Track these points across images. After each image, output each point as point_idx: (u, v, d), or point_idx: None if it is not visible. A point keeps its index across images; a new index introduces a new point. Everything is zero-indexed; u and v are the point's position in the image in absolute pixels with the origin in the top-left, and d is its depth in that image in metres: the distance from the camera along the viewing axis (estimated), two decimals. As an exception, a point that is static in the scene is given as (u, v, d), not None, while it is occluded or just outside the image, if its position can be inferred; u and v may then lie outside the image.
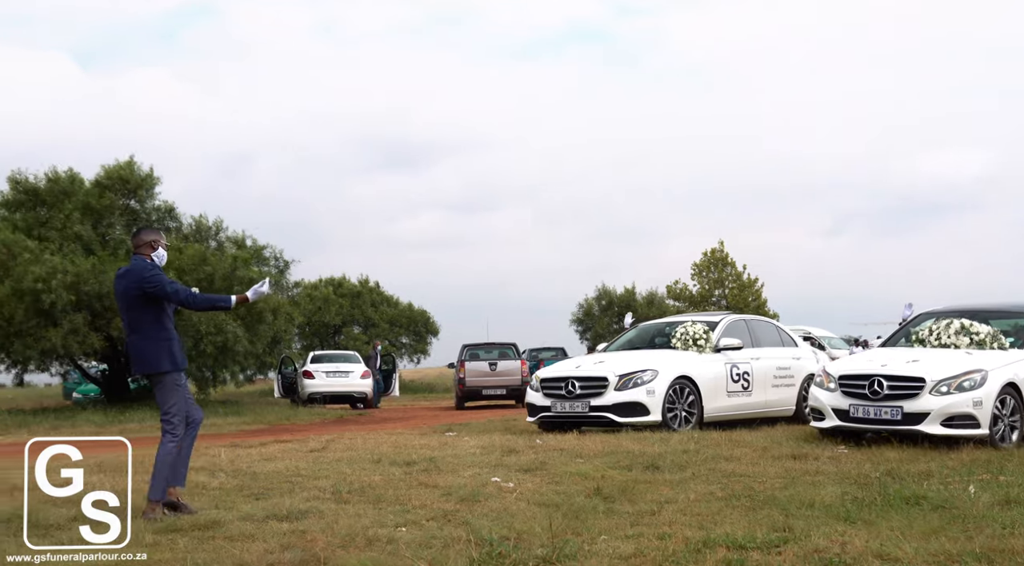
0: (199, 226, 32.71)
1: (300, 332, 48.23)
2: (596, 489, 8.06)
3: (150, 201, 32.34)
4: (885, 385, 11.00)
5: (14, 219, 30.18)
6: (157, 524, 6.91)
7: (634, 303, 52.19)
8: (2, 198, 31.09)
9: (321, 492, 8.33)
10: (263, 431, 18.98)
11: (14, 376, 31.30)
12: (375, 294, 54.97)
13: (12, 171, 31.29)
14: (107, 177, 31.30)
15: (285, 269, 33.86)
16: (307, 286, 48.63)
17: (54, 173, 31.29)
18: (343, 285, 54.57)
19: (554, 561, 5.48)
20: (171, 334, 7.70)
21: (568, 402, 13.92)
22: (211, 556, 5.79)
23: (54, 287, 25.97)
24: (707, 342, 14.55)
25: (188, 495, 8.38)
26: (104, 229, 30.81)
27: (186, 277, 27.41)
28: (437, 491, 8.21)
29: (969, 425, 10.65)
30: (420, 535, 6.30)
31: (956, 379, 10.76)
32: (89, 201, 30.45)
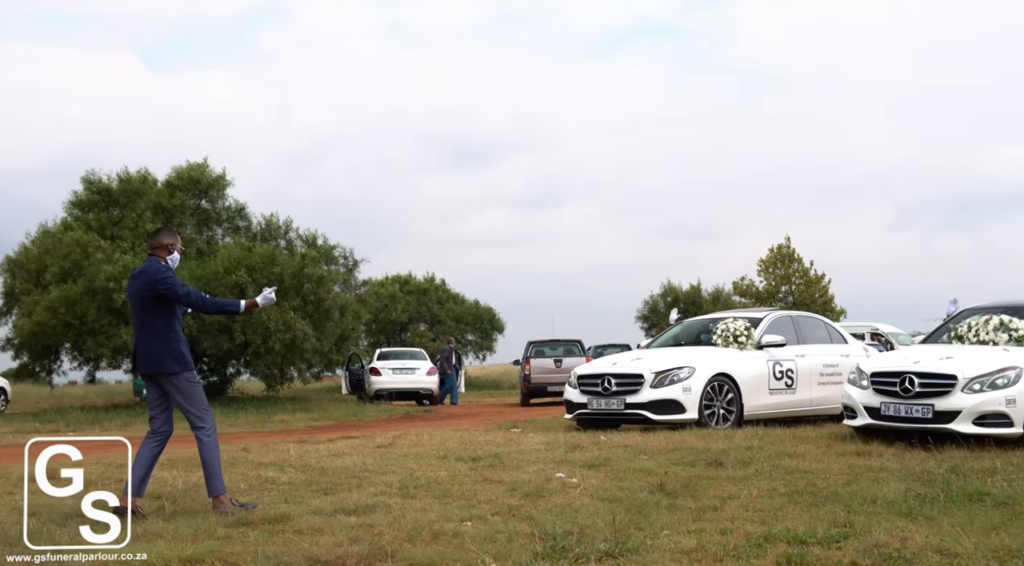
0: (269, 225, 33.06)
1: (367, 329, 48.55)
2: (659, 485, 8.13)
3: (221, 201, 32.78)
4: (916, 382, 10.76)
5: (87, 219, 30.70)
6: (228, 518, 7.06)
7: (700, 300, 52.04)
8: (75, 198, 31.61)
9: (388, 487, 8.46)
10: (331, 427, 19.20)
11: (86, 373, 31.83)
12: (441, 291, 55.19)
13: (85, 172, 31.84)
14: (178, 178, 31.77)
15: (353, 268, 34.19)
16: (374, 284, 48.98)
17: (126, 174, 31.79)
18: (410, 282, 54.86)
19: (616, 555, 5.56)
20: (180, 336, 7.81)
21: (604, 399, 13.91)
22: (281, 549, 5.92)
23: (126, 286, 26.35)
24: (748, 339, 14.41)
25: (258, 490, 8.57)
26: (175, 228, 31.17)
27: (256, 275, 27.80)
28: (502, 486, 8.32)
29: (1002, 424, 10.32)
30: (485, 529, 6.40)
31: (989, 376, 10.45)
32: (161, 201, 30.90)
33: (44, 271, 28.26)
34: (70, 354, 30.29)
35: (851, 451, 10.19)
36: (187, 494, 8.32)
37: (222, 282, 27.94)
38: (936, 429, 10.56)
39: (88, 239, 28.38)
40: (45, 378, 31.53)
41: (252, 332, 28.13)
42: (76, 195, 31.63)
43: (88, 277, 27.05)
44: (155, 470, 9.96)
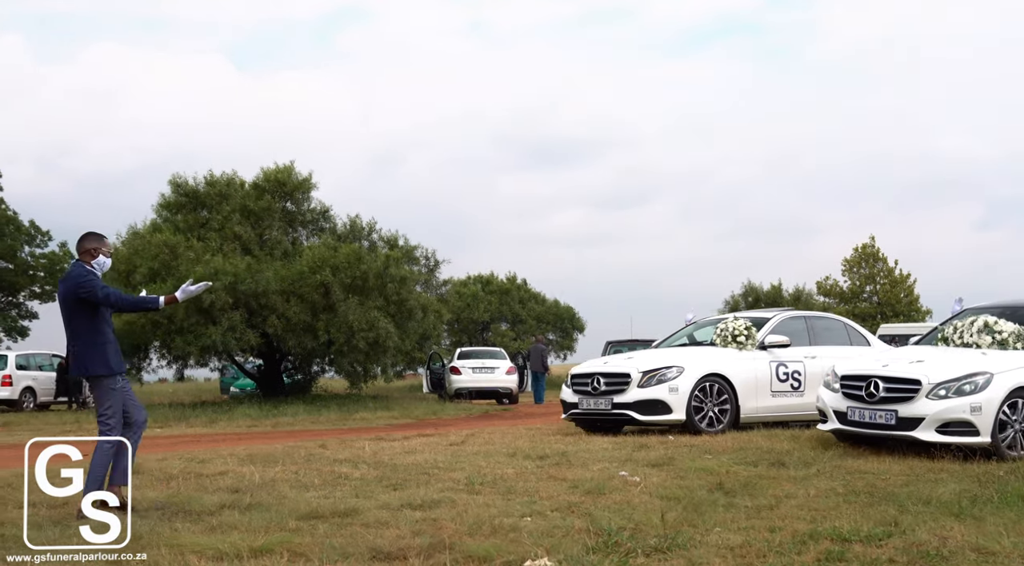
0: (353, 226, 33.51)
1: (449, 329, 48.97)
2: (719, 484, 8.30)
3: (306, 203, 33.29)
4: (881, 387, 10.37)
5: (175, 221, 31.34)
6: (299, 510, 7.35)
7: (781, 300, 51.72)
8: (163, 200, 32.28)
9: (455, 483, 8.73)
10: (409, 425, 19.51)
11: (175, 371, 32.58)
12: (522, 291, 55.41)
13: (173, 175, 32.53)
14: (265, 180, 32.33)
15: (434, 268, 34.56)
16: (456, 283, 49.35)
17: (212, 176, 32.40)
18: (491, 282, 55.15)
19: (665, 550, 5.77)
20: (107, 338, 7.90)
21: (593, 399, 13.74)
22: (347, 541, 6.19)
23: (214, 287, 26.96)
24: (748, 339, 14.04)
25: (331, 485, 8.88)
26: (262, 230, 31.77)
27: (340, 275, 28.28)
28: (565, 484, 8.55)
29: (966, 432, 9.87)
30: (543, 524, 6.63)
31: (956, 382, 10.00)
32: (247, 203, 31.46)
33: (134, 271, 28.89)
34: (159, 352, 30.96)
35: (914, 452, 10.22)
36: (263, 488, 8.62)
37: (307, 282, 28.44)
38: (899, 436, 10.26)
39: (176, 240, 29.01)
40: (135, 376, 32.25)
41: (336, 331, 28.59)
42: (164, 197, 32.31)
43: (177, 278, 27.64)
44: (235, 465, 10.41)
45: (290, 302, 28.54)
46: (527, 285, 56.32)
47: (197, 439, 16.70)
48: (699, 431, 12.94)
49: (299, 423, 21.57)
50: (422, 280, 33.77)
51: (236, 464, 10.53)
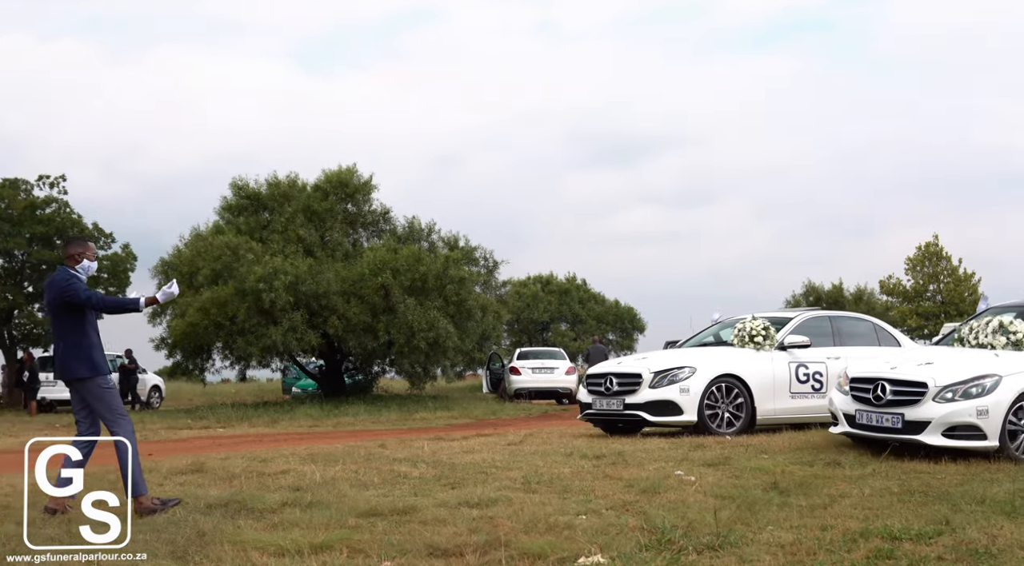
0: (413, 228, 33.74)
1: (509, 329, 49.16)
2: (774, 483, 8.33)
3: (367, 205, 33.54)
4: (888, 390, 10.17)
5: (237, 223, 31.70)
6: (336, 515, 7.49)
7: (842, 299, 51.45)
8: (225, 203, 32.66)
9: (512, 482, 8.84)
10: (468, 425, 19.65)
11: (237, 372, 32.93)
12: (582, 291, 55.52)
13: (234, 178, 32.91)
14: (327, 181, 32.62)
15: (494, 269, 34.66)
16: (516, 283, 49.51)
17: (275, 178, 32.75)
18: (551, 282, 55.30)
19: (717, 548, 5.84)
20: (91, 341, 7.97)
21: (606, 399, 13.68)
22: (405, 538, 6.31)
23: (275, 287, 27.25)
24: (766, 339, 13.85)
25: (390, 484, 9.01)
26: (323, 231, 32.05)
27: (400, 277, 28.50)
28: (621, 483, 8.62)
29: (973, 436, 9.63)
30: (598, 522, 6.72)
31: (963, 385, 9.75)
32: (311, 205, 31.75)
33: (196, 273, 29.27)
34: (221, 353, 31.33)
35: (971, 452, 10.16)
36: (324, 486, 8.77)
37: (368, 284, 28.68)
38: (905, 440, 10.04)
39: (238, 242, 29.35)
40: (198, 376, 32.66)
41: (396, 331, 28.80)
42: (225, 200, 32.70)
43: (238, 279, 27.99)
44: (296, 464, 10.58)
45: (350, 303, 28.79)
46: (587, 285, 56.43)
47: (259, 439, 16.93)
48: (712, 432, 12.89)
49: (360, 423, 21.78)
50: (481, 281, 33.91)
51: (297, 463, 10.71)
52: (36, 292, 37.04)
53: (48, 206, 36.97)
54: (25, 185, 37.10)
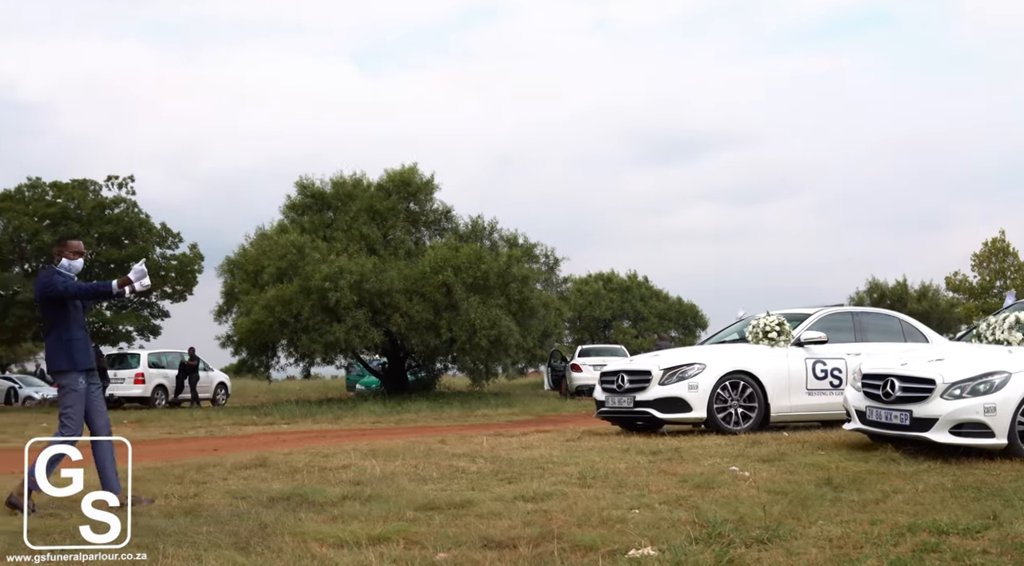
0: (474, 226, 33.97)
1: (571, 326, 49.23)
2: (827, 479, 8.38)
3: (429, 204, 33.81)
4: (897, 386, 10.05)
5: (302, 221, 32.07)
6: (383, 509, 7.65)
7: (905, 296, 50.98)
8: (290, 202, 33.05)
9: (568, 477, 8.95)
10: (528, 422, 19.76)
11: (302, 369, 33.29)
12: (644, 288, 55.48)
13: (299, 177, 33.38)
14: (389, 180, 32.94)
15: (554, 266, 34.81)
16: (577, 281, 49.61)
17: (339, 177, 33.10)
18: (612, 280, 55.33)
19: (765, 541, 5.93)
20: (72, 335, 8.16)
21: (618, 397, 13.62)
22: (461, 531, 6.46)
23: (340, 286, 27.55)
24: (780, 335, 13.68)
25: (448, 478, 9.17)
26: (386, 230, 32.33)
27: (462, 274, 28.71)
28: (675, 478, 8.71)
29: (980, 434, 9.44)
30: (650, 517, 6.82)
31: (971, 382, 9.58)
32: (373, 204, 32.05)
33: (261, 271, 29.67)
34: (286, 350, 31.70)
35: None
36: (383, 481, 8.94)
37: (430, 282, 28.94)
38: (914, 437, 9.90)
39: (304, 241, 29.70)
40: (263, 373, 33.06)
41: (458, 329, 29.02)
42: (290, 199, 33.11)
43: (303, 277, 28.33)
44: (357, 459, 10.78)
45: (413, 301, 29.05)
46: (648, 282, 56.36)
47: (322, 435, 17.16)
48: (722, 430, 12.82)
49: (422, 419, 21.97)
50: (542, 278, 34.06)
51: (359, 458, 10.90)
52: (105, 291, 37.61)
53: (116, 206, 37.64)
54: (94, 186, 37.80)
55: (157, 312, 39.21)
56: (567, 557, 5.66)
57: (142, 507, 7.71)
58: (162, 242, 38.88)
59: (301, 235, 30.51)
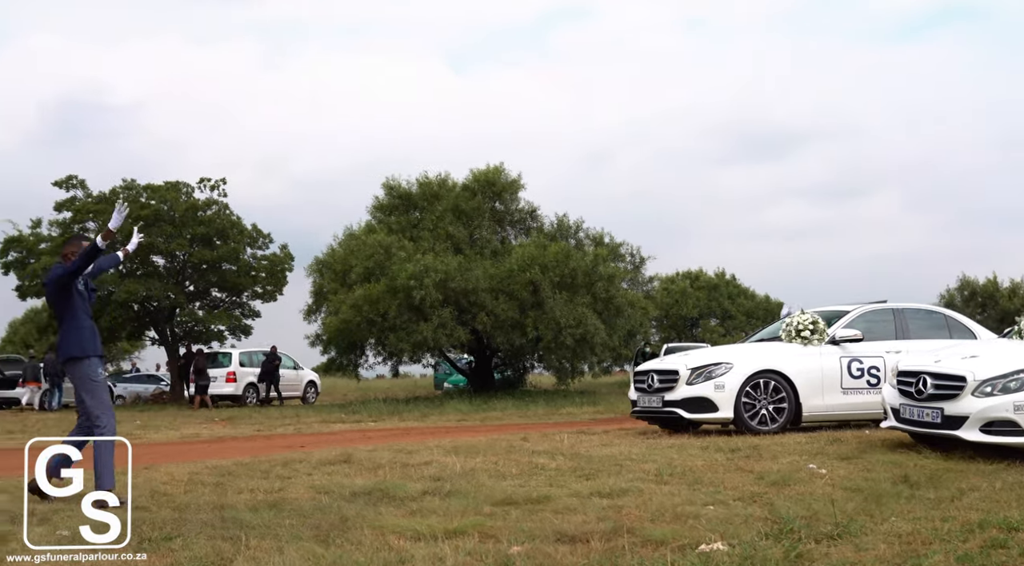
0: (560, 225, 34.10)
1: (658, 325, 49.15)
2: (904, 476, 8.37)
3: (514, 203, 34.01)
4: (929, 383, 9.98)
5: (389, 222, 32.42)
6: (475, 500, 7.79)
7: (997, 293, 50.17)
8: (377, 202, 33.43)
9: (645, 474, 9.04)
10: (612, 420, 19.81)
11: (390, 367, 33.66)
12: (731, 286, 55.22)
13: (386, 178, 33.73)
14: (475, 180, 33.19)
15: (640, 265, 34.84)
16: (664, 279, 49.53)
17: (425, 178, 33.41)
18: (700, 278, 55.12)
19: (835, 537, 5.98)
20: (82, 324, 8.41)
21: (648, 396, 13.63)
22: (536, 525, 6.58)
23: (425, 284, 27.82)
24: (814, 334, 13.51)
25: (527, 475, 9.30)
26: (472, 229, 32.57)
27: (549, 273, 28.84)
28: (752, 475, 8.76)
29: (1011, 432, 9.32)
30: (724, 513, 6.89)
31: (1003, 379, 9.46)
32: (459, 204, 32.31)
33: (349, 271, 30.04)
34: (374, 349, 32.08)
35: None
36: (463, 477, 9.09)
37: (516, 280, 29.10)
38: (945, 435, 9.81)
39: (391, 241, 30.03)
40: (352, 372, 33.47)
41: (544, 327, 29.15)
42: (377, 200, 33.50)
43: (390, 276, 28.64)
44: (439, 455, 10.95)
45: (499, 299, 29.23)
46: (736, 280, 56.08)
47: (408, 432, 17.40)
48: (751, 430, 12.76)
49: (507, 417, 22.13)
50: (628, 277, 34.11)
51: (440, 455, 11.08)
52: (197, 291, 38.38)
53: (209, 208, 38.24)
54: (187, 188, 38.45)
55: (248, 312, 39.78)
56: (637, 551, 5.75)
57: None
58: (253, 243, 39.43)
59: (388, 235, 30.86)
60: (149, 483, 9.27)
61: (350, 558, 5.66)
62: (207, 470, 10.34)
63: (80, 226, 37.34)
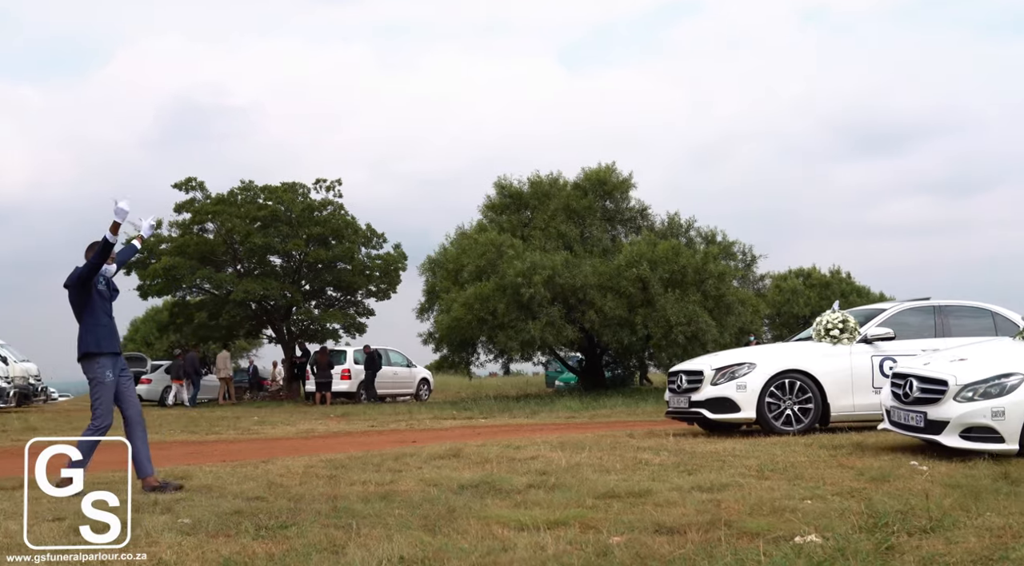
0: (671, 223, 34.17)
1: (770, 323, 48.83)
2: (1004, 474, 8.37)
3: (624, 202, 34.16)
4: (915, 387, 9.93)
5: (500, 221, 32.76)
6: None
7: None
8: (489, 202, 33.81)
9: (747, 469, 9.20)
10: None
11: (501, 365, 34.00)
12: (845, 284, 54.62)
13: (498, 177, 34.11)
14: (586, 179, 33.42)
15: (752, 263, 34.76)
16: (776, 277, 49.19)
17: (537, 177, 33.70)
18: (812, 275, 54.64)
19: (928, 531, 6.10)
20: (99, 322, 8.78)
21: (677, 397, 13.65)
22: (636, 518, 6.79)
23: (534, 282, 28.08)
24: (843, 333, 13.34)
25: (631, 469, 9.50)
26: (583, 228, 32.78)
27: (658, 269, 28.92)
28: (852, 471, 8.86)
29: (989, 439, 9.25)
30: (821, 507, 7.03)
31: (984, 384, 9.37)
32: (570, 203, 32.54)
33: (461, 270, 30.43)
34: (485, 347, 32.42)
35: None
36: (568, 471, 9.34)
37: (625, 276, 29.23)
38: (929, 440, 9.79)
39: (502, 239, 30.35)
40: (464, 369, 33.88)
41: (654, 325, 29.24)
42: (489, 199, 33.87)
43: (500, 275, 28.96)
44: (546, 450, 11.22)
45: (607, 297, 29.37)
46: (850, 278, 55.48)
47: (517, 428, 17.66)
48: (775, 430, 12.69)
49: (615, 415, 22.28)
50: (739, 275, 34.05)
51: (547, 450, 11.34)
52: (312, 290, 39.11)
53: (324, 208, 38.96)
54: (303, 189, 39.22)
55: (362, 310, 40.48)
56: (733, 543, 5.91)
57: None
58: (367, 243, 40.12)
59: (499, 234, 31.20)
60: (266, 475, 9.70)
61: (455, 545, 5.93)
62: (321, 463, 10.74)
63: (199, 227, 38.32)
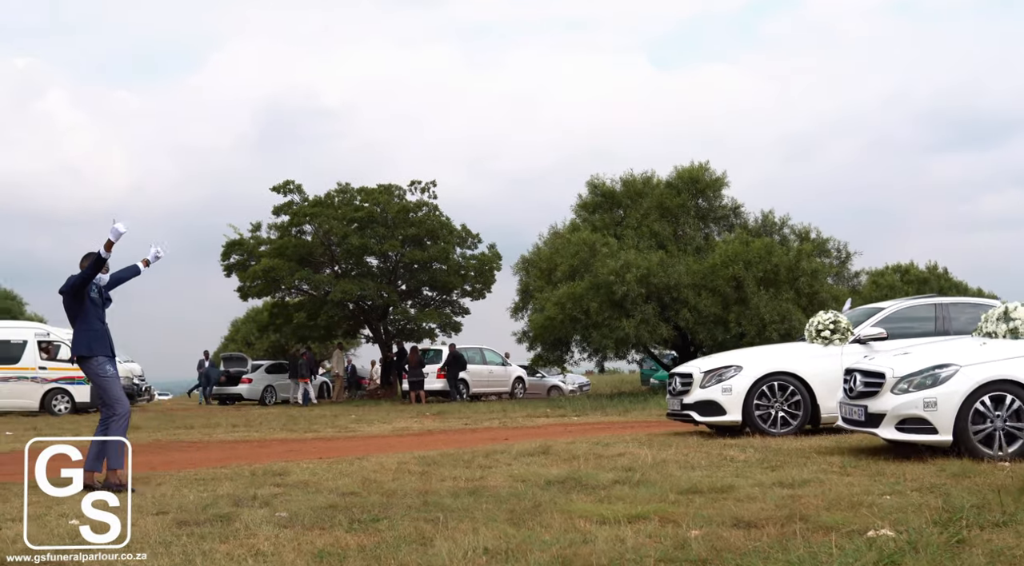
0: (765, 220, 34.08)
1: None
2: (1086, 469, 8.49)
3: (717, 200, 34.17)
4: (858, 380, 10.08)
5: (593, 220, 32.94)
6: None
7: None
8: (581, 201, 34.02)
9: (829, 466, 9.33)
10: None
11: (595, 363, 34.19)
12: (942, 280, 53.93)
13: (591, 176, 34.32)
14: (679, 178, 33.47)
15: (846, 260, 34.53)
16: (872, 273, 48.74)
17: (630, 176, 33.84)
18: (910, 271, 54.01)
19: (1001, 525, 6.21)
20: (92, 326, 9.29)
21: (672, 399, 13.73)
22: (716, 512, 6.99)
23: (627, 280, 28.23)
24: (835, 333, 13.18)
25: (716, 466, 9.67)
26: (676, 227, 32.84)
27: (752, 268, 28.90)
28: (934, 467, 8.89)
29: (923, 430, 9.40)
30: (899, 502, 7.15)
31: (918, 376, 9.50)
32: (663, 201, 32.62)
33: (554, 269, 30.65)
34: (579, 346, 32.63)
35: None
36: (654, 467, 9.56)
37: (719, 275, 29.27)
38: (869, 433, 9.95)
39: (595, 238, 30.54)
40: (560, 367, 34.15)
41: (748, 323, 29.22)
42: (581, 198, 34.08)
43: (593, 273, 29.16)
44: (633, 447, 11.44)
45: (701, 295, 29.42)
46: (948, 274, 54.75)
47: (608, 426, 17.84)
48: (763, 433, 12.61)
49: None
50: (833, 272, 33.88)
51: (634, 447, 11.57)
52: (408, 290, 39.62)
53: (420, 210, 39.46)
54: (398, 191, 39.76)
55: (458, 309, 40.93)
56: (808, 536, 6.09)
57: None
58: (462, 243, 40.55)
59: (592, 233, 31.37)
60: (361, 471, 10.05)
61: (537, 537, 6.18)
62: (414, 460, 11.07)
63: (297, 229, 38.99)
